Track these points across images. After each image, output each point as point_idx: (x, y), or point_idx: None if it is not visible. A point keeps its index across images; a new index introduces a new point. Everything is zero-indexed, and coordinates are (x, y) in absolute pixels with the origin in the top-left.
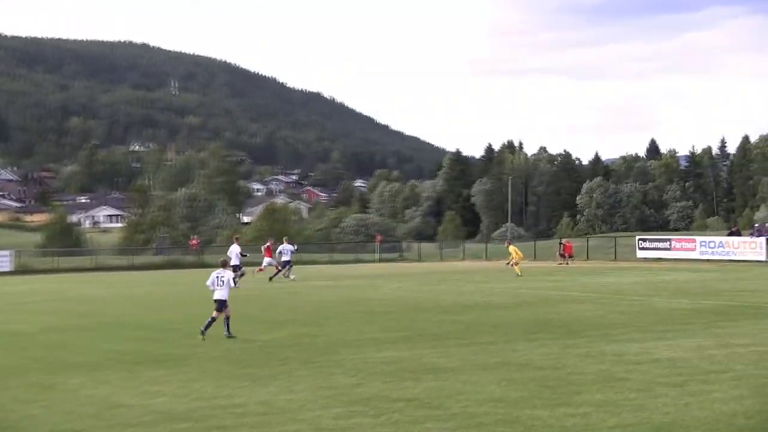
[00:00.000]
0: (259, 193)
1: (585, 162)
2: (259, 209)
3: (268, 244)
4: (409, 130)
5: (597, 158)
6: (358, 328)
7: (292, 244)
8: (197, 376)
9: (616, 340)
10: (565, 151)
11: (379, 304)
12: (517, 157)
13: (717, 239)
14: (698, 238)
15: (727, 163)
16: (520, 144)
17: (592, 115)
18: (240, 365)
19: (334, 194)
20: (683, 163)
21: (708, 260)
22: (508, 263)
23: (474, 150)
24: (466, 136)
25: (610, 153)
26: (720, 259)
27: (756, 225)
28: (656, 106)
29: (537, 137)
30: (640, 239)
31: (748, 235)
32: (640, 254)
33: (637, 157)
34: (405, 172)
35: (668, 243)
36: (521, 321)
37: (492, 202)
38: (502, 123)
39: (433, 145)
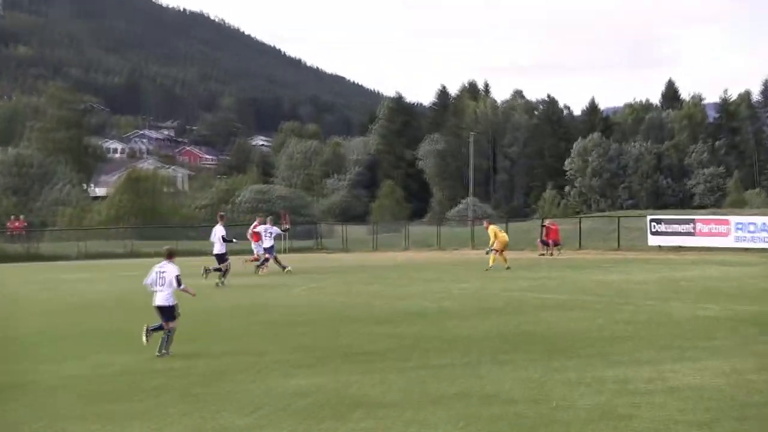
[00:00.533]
0: (118, 155)
1: (577, 112)
2: (117, 178)
3: (255, 224)
4: (330, 67)
5: (593, 107)
6: (259, 347)
7: (281, 225)
8: (28, 415)
9: (619, 361)
10: (549, 96)
11: (288, 312)
12: (482, 104)
13: (759, 220)
14: (733, 219)
15: None
16: (486, 86)
17: (586, 46)
18: (90, 399)
19: (225, 156)
20: (712, 114)
21: (746, 249)
22: (488, 251)
23: (422, 95)
24: (411, 76)
25: (611, 99)
26: (764, 248)
27: None
28: (676, 34)
29: (510, 77)
30: (652, 220)
31: None
32: (653, 241)
33: (648, 106)
34: (325, 125)
35: (692, 225)
36: (488, 335)
37: (447, 167)
38: (460, 57)
39: (364, 88)
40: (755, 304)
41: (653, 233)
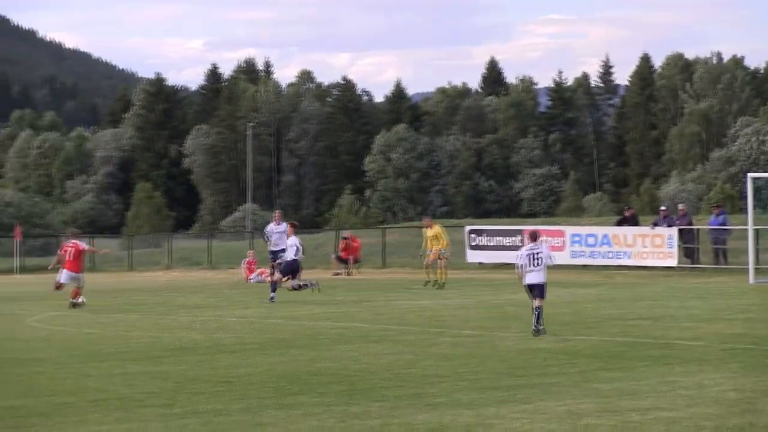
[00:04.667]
0: None
1: (379, 98)
2: None
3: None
4: (72, 41)
5: (399, 92)
6: None
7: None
8: None
9: (434, 403)
10: (344, 79)
11: (21, 348)
12: (263, 88)
13: (600, 231)
14: (569, 230)
15: (616, 101)
16: (268, 66)
17: (389, 17)
18: None
19: None
20: (544, 101)
21: (585, 266)
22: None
23: (188, 76)
24: (174, 51)
25: (421, 83)
26: (605, 265)
27: (662, 207)
28: (497, 1)
29: (298, 55)
30: (471, 231)
31: (650, 225)
32: (473, 256)
33: (466, 91)
34: (66, 113)
35: (520, 237)
36: (270, 374)
37: (219, 166)
38: (232, 28)
39: (114, 67)
40: (596, 332)
41: (473, 247)
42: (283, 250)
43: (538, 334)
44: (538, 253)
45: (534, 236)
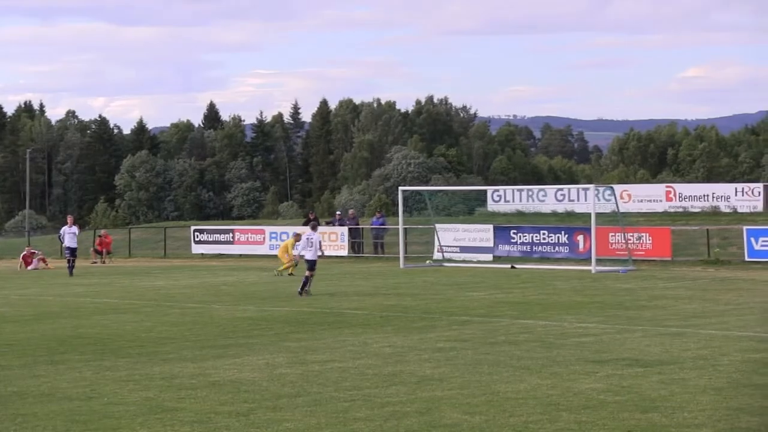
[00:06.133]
0: None
1: (127, 131)
2: None
3: None
4: None
5: (141, 127)
6: None
7: None
8: None
9: (166, 359)
10: (100, 116)
11: None
12: (38, 123)
13: (291, 230)
14: (268, 229)
15: (303, 134)
16: (42, 106)
17: (135, 71)
18: None
19: None
20: (250, 134)
21: (277, 257)
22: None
23: None
24: None
25: (159, 120)
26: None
27: (337, 212)
28: (217, 59)
29: (66, 98)
30: (195, 230)
31: (327, 224)
32: (197, 249)
33: (191, 126)
34: None
35: (231, 235)
36: (43, 338)
37: (5, 182)
38: (21, 78)
39: None
40: (288, 305)
41: (196, 242)
42: (74, 249)
43: (302, 295)
44: (313, 239)
45: (314, 227)
